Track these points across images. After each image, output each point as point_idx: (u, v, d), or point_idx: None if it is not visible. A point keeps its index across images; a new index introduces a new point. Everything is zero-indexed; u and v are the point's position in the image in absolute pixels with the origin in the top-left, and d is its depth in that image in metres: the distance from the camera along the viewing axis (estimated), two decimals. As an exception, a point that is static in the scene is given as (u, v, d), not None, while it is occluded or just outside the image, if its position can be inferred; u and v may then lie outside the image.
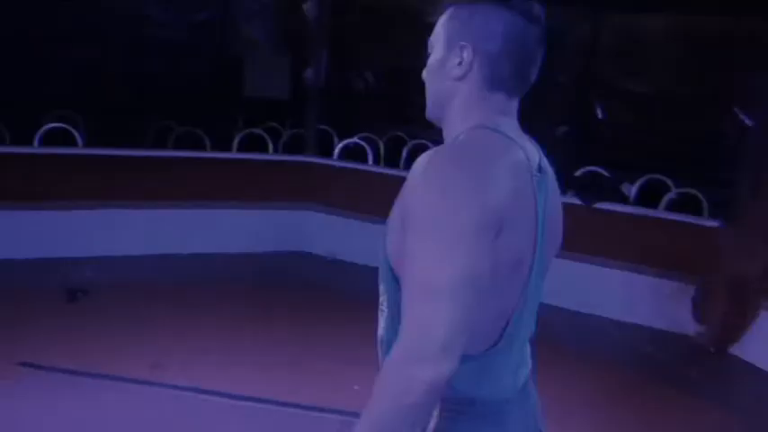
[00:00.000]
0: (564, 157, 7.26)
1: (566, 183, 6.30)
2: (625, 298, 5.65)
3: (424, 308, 1.20)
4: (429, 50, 1.46)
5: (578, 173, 6.44)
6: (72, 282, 5.24)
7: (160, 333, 4.57)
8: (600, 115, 9.62)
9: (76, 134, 6.36)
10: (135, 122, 7.69)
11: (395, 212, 1.33)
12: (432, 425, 1.31)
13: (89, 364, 4.06)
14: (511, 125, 1.40)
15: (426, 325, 1.19)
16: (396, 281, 1.31)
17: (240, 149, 7.07)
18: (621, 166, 6.86)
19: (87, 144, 6.43)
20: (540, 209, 1.36)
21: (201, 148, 6.99)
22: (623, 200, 6.30)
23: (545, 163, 1.44)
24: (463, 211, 1.22)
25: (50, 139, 6.29)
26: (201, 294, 5.40)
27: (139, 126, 7.68)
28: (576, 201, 5.71)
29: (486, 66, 1.38)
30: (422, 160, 1.30)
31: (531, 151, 1.39)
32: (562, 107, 9.69)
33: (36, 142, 6.21)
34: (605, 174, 6.53)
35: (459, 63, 1.38)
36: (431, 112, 1.47)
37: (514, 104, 1.42)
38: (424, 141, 7.10)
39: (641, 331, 5.42)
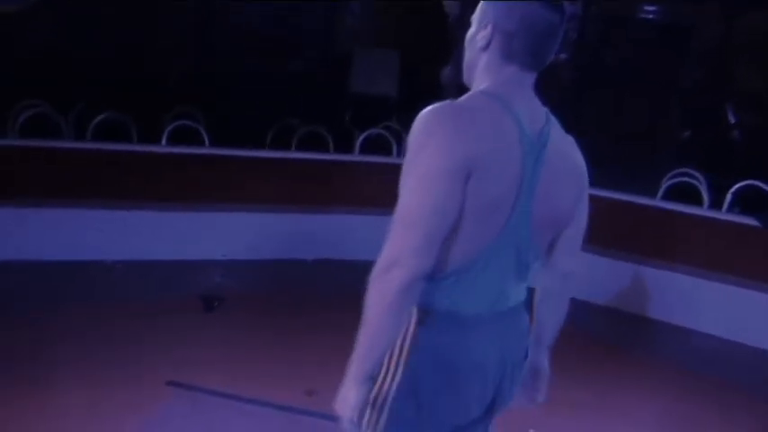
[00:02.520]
0: (706, 166, 6.75)
1: (733, 201, 5.77)
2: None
3: (397, 231, 1.53)
4: (471, 25, 1.74)
5: (736, 187, 5.84)
6: (206, 288, 5.06)
7: (309, 349, 4.29)
8: (732, 119, 8.98)
9: (204, 133, 6.17)
10: (247, 120, 7.51)
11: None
12: (410, 329, 1.62)
13: (238, 383, 3.82)
14: (517, 94, 1.64)
15: (398, 241, 1.52)
16: None
17: (361, 151, 6.76)
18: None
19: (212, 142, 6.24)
20: (528, 167, 1.60)
21: (324, 148, 6.71)
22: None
23: (552, 132, 1.66)
24: (436, 158, 1.51)
25: (176, 136, 6.13)
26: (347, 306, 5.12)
27: (252, 124, 7.49)
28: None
29: (504, 41, 1.64)
30: (421, 114, 1.57)
31: (533, 118, 1.64)
32: (690, 111, 9.10)
33: (164, 140, 6.05)
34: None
35: (483, 36, 1.66)
36: (464, 76, 1.76)
37: (528, 77, 1.67)
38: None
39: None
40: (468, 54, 1.73)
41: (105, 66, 7.89)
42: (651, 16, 9.34)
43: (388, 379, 1.64)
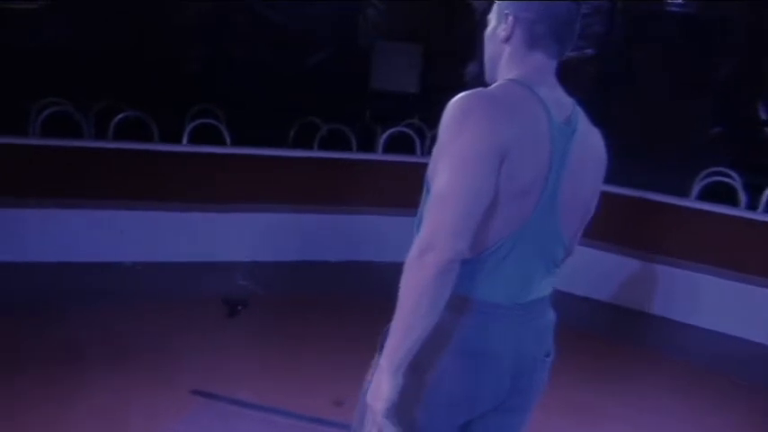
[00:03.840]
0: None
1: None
2: None
3: (436, 212, 1.52)
4: (488, 24, 1.76)
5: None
6: (228, 291, 4.96)
7: (336, 355, 4.17)
8: (764, 116, 8.74)
9: (225, 131, 6.06)
10: (267, 117, 7.40)
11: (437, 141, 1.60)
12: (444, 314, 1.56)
13: (264, 392, 3.71)
14: (544, 81, 1.66)
15: (435, 223, 1.51)
16: (428, 192, 1.61)
17: (386, 150, 6.61)
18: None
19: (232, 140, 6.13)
20: (557, 154, 1.61)
21: (347, 146, 6.58)
22: None
23: (579, 120, 1.68)
24: (471, 141, 1.52)
25: (197, 134, 6.03)
26: (373, 309, 5.01)
27: (273, 120, 7.38)
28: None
29: (526, 30, 1.67)
30: (454, 100, 1.58)
31: (560, 106, 1.65)
32: (721, 107, 8.87)
33: (185, 139, 5.95)
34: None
35: (505, 28, 1.69)
36: (487, 71, 1.77)
37: (552, 64, 1.69)
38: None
39: None
40: (489, 49, 1.74)
41: (123, 62, 7.81)
42: (680, 9, 9.12)
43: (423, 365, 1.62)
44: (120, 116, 5.93)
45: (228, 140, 6.05)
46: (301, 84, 8.69)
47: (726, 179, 6.01)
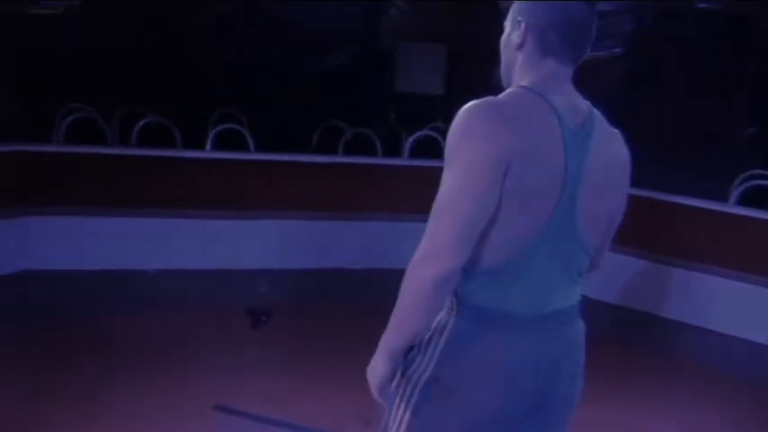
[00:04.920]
0: None
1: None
2: None
3: (436, 222, 1.53)
4: (504, 29, 1.74)
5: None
6: (251, 299, 4.88)
7: (361, 370, 4.04)
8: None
9: (248, 136, 5.99)
10: (290, 120, 7.33)
11: None
12: (447, 317, 1.64)
13: (289, 407, 3.61)
14: (558, 87, 1.64)
15: (434, 234, 1.53)
16: None
17: (412, 154, 6.50)
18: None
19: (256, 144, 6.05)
20: (572, 159, 1.58)
21: (372, 150, 6.48)
22: None
23: (596, 125, 1.65)
24: (475, 151, 1.51)
25: (220, 139, 5.96)
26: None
27: (296, 124, 7.30)
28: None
29: (538, 36, 1.64)
30: (462, 109, 1.58)
31: (574, 112, 1.63)
32: (755, 107, 8.64)
33: (208, 145, 5.88)
34: None
35: (518, 35, 1.67)
36: (503, 78, 1.75)
37: (567, 70, 1.67)
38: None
39: None
40: (504, 56, 1.74)
41: (145, 66, 7.77)
42: (710, 6, 8.90)
43: (425, 361, 1.67)
44: (142, 122, 5.88)
45: (252, 146, 5.97)
46: (324, 86, 8.60)
47: (765, 182, 5.81)
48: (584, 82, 1.73)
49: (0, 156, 5.14)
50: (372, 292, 5.45)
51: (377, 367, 1.70)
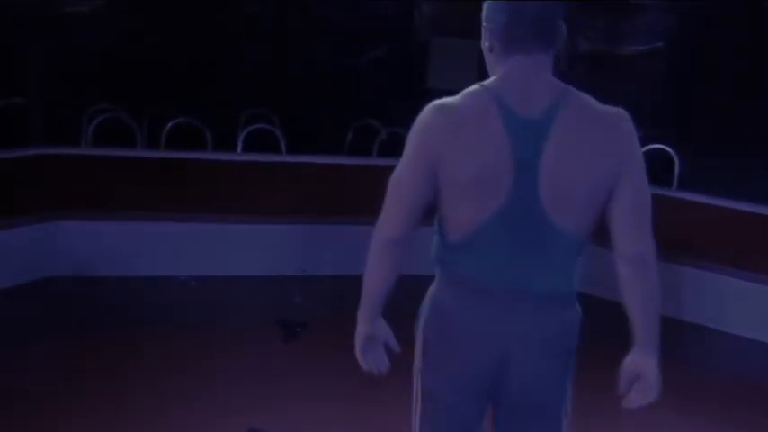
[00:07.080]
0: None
1: None
2: None
3: (386, 198, 1.83)
4: None
5: None
6: (284, 308, 4.70)
7: (405, 385, 3.83)
8: None
9: (280, 136, 5.81)
10: (322, 119, 7.15)
11: None
12: (431, 288, 1.90)
13: (329, 429, 3.42)
14: (516, 81, 1.76)
15: (384, 208, 1.84)
16: None
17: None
18: None
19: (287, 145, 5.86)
20: (522, 148, 1.71)
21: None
22: None
23: (567, 108, 1.73)
24: (412, 144, 1.80)
25: (251, 140, 5.79)
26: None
27: (328, 123, 7.12)
28: None
29: (500, 37, 1.79)
30: None
31: (531, 102, 1.74)
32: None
33: (239, 146, 5.71)
34: None
35: (484, 38, 1.85)
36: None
37: (534, 60, 1.77)
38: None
39: None
40: (486, 60, 1.86)
41: (175, 63, 7.62)
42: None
43: (420, 325, 1.91)
44: (172, 123, 5.73)
45: (284, 147, 5.79)
46: (356, 83, 8.40)
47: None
48: (625, 79, 1.55)
49: (27, 159, 5.02)
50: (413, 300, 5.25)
51: (357, 330, 1.95)
